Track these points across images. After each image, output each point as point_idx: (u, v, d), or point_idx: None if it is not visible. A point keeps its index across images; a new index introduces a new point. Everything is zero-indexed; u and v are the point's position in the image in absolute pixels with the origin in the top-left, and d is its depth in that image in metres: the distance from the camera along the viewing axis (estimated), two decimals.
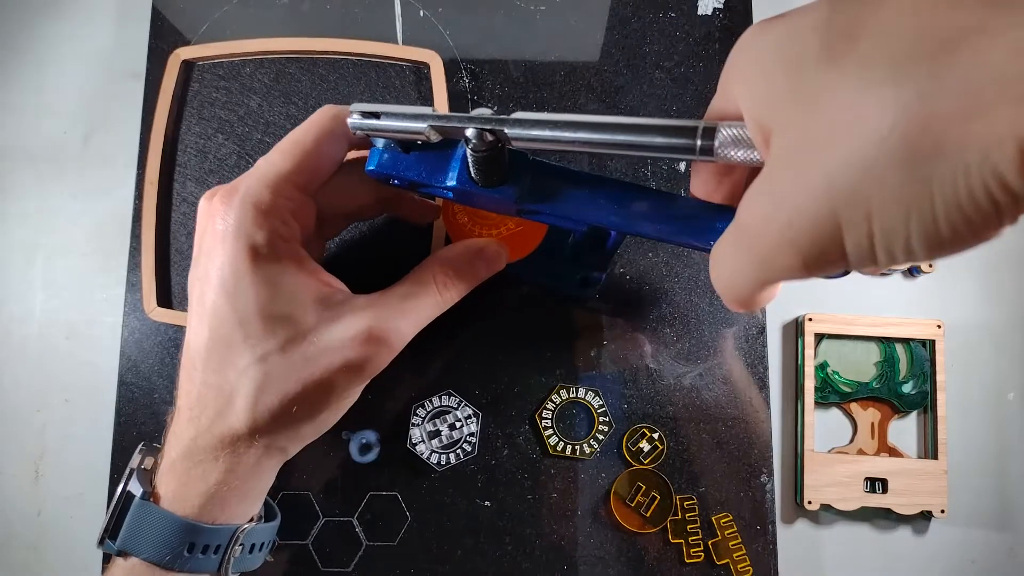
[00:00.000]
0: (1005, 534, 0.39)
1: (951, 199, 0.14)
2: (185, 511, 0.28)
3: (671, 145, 0.22)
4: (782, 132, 0.18)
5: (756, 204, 0.19)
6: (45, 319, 0.40)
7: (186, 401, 0.28)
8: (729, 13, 0.42)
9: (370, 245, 0.40)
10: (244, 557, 0.31)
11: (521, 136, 0.25)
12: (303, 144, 0.28)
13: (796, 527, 0.39)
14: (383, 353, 0.29)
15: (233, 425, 0.27)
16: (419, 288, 0.30)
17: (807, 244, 0.17)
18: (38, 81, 0.42)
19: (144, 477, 0.29)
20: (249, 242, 0.27)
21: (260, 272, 0.27)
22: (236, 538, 0.29)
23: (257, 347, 0.27)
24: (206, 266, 0.28)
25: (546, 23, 0.42)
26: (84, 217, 0.41)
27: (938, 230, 0.15)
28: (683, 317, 0.39)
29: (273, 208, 0.28)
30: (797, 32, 0.18)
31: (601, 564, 0.38)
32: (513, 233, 0.33)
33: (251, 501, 0.30)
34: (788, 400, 0.40)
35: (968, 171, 0.14)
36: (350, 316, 0.28)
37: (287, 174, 0.28)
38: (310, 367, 0.27)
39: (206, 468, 0.28)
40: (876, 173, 0.15)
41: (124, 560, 0.28)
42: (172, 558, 0.27)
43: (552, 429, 0.38)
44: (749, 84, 0.19)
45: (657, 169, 0.41)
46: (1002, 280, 0.41)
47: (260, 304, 0.27)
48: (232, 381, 0.27)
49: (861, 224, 0.16)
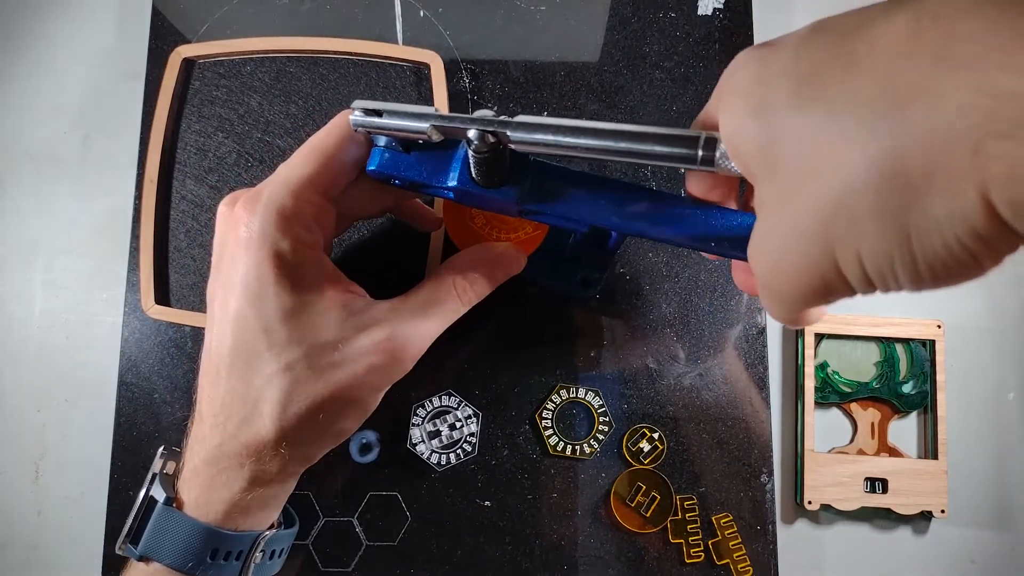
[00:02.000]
0: (1005, 534, 0.39)
1: (927, 247, 0.15)
2: (208, 517, 0.28)
3: (672, 155, 0.23)
4: (766, 181, 0.19)
5: (761, 256, 0.20)
6: (45, 319, 0.40)
7: (210, 408, 0.28)
8: (729, 13, 0.42)
9: (369, 245, 0.40)
10: (264, 563, 0.31)
11: (523, 139, 0.25)
12: (324, 149, 0.28)
13: (796, 527, 0.39)
14: (406, 359, 0.29)
15: (260, 433, 0.27)
16: (439, 293, 0.30)
17: (815, 283, 0.18)
18: (38, 81, 0.42)
19: (167, 482, 0.29)
20: (274, 249, 0.27)
21: (285, 279, 0.27)
22: (257, 544, 0.30)
23: (282, 355, 0.27)
24: (229, 273, 0.27)
25: (546, 23, 0.42)
26: (84, 217, 0.41)
27: (920, 274, 0.16)
28: (683, 317, 0.39)
29: (296, 214, 0.27)
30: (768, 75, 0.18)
31: (601, 564, 0.38)
32: (531, 237, 0.33)
33: (273, 508, 0.30)
34: (788, 400, 0.40)
35: (939, 222, 0.14)
36: (373, 323, 0.28)
37: (309, 179, 0.28)
38: (336, 374, 0.27)
39: (231, 475, 0.28)
40: (859, 219, 0.16)
41: (146, 565, 0.28)
42: (195, 564, 0.27)
43: (552, 429, 0.38)
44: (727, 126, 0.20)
45: (657, 171, 0.41)
46: (1002, 280, 0.41)
47: (285, 311, 0.27)
48: (258, 388, 0.27)
49: (854, 263, 0.17)
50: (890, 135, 0.15)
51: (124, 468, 0.38)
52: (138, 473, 0.38)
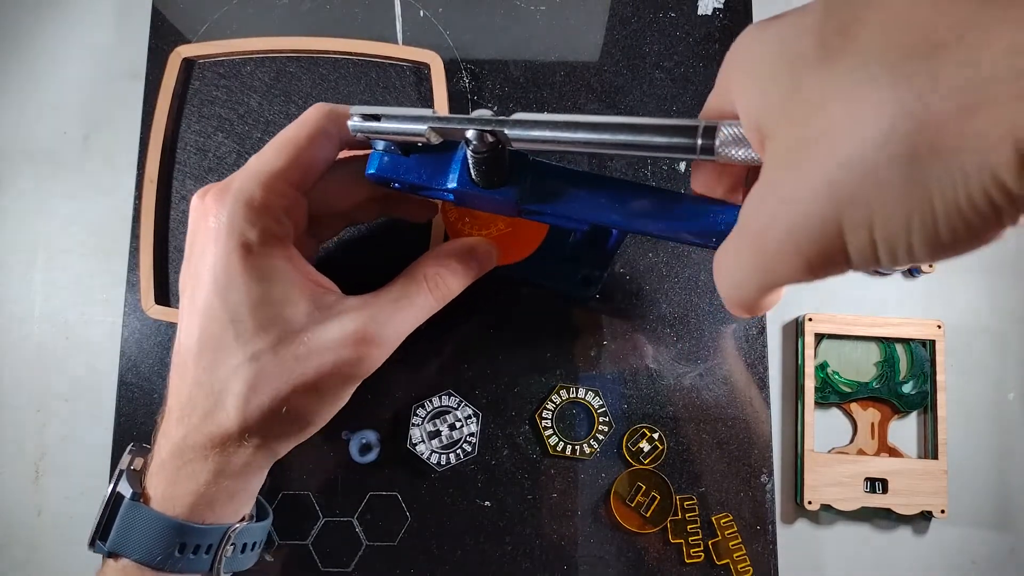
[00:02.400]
0: (1005, 534, 0.39)
1: (951, 203, 0.14)
2: (175, 511, 0.28)
3: (672, 145, 0.22)
4: (779, 135, 0.18)
5: (757, 209, 0.19)
6: (45, 319, 0.40)
7: (176, 400, 0.28)
8: (729, 13, 0.42)
9: (367, 246, 0.40)
10: (236, 557, 0.31)
11: (522, 137, 0.24)
12: (296, 142, 0.28)
13: (796, 527, 0.39)
14: (375, 354, 0.29)
15: (223, 424, 0.27)
16: (410, 288, 0.30)
17: (810, 248, 0.17)
18: (38, 81, 0.42)
19: (134, 478, 0.29)
20: (241, 240, 0.27)
21: (252, 270, 0.27)
22: (227, 538, 0.29)
23: (248, 346, 0.27)
24: (198, 264, 0.27)
25: (546, 23, 0.42)
26: (84, 217, 0.41)
27: (939, 234, 0.15)
28: (683, 317, 0.39)
29: (266, 206, 0.27)
30: (793, 33, 0.17)
31: (601, 564, 0.38)
32: (503, 233, 0.33)
33: (241, 501, 0.30)
34: (788, 400, 0.40)
35: (966, 175, 0.14)
36: (342, 316, 0.28)
37: (280, 171, 0.28)
38: (301, 367, 0.27)
39: (195, 468, 0.28)
40: (876, 177, 0.15)
41: (115, 561, 0.28)
42: (163, 558, 0.27)
43: (552, 429, 0.38)
44: (745, 86, 0.19)
45: (657, 169, 0.41)
46: (1002, 280, 0.41)
47: (252, 302, 0.27)
48: (223, 380, 0.27)
49: (863, 228, 0.16)
50: (925, 79, 0.14)
51: None
52: None
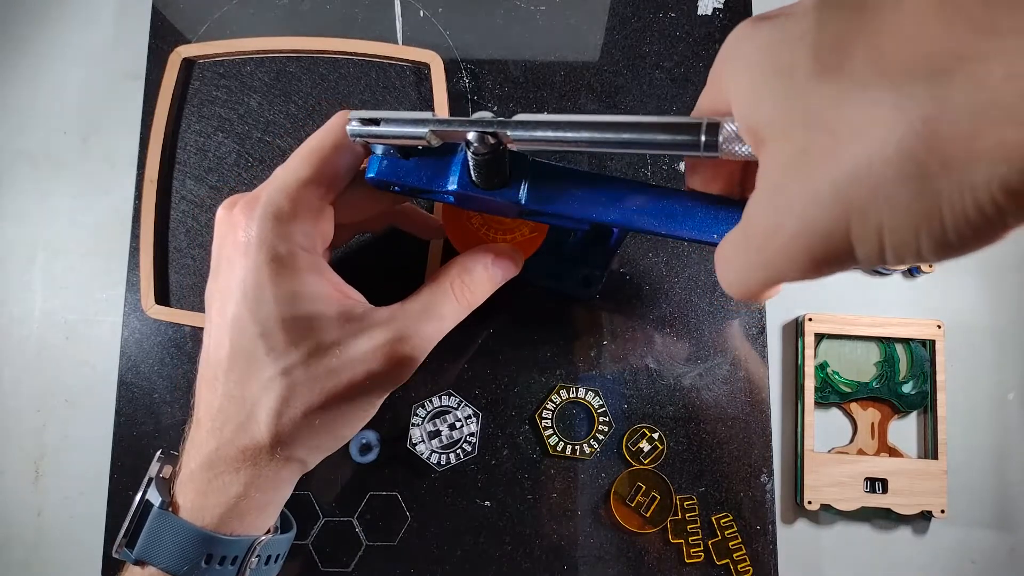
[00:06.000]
0: (1005, 534, 0.39)
1: (959, 211, 0.15)
2: (204, 522, 0.28)
3: (675, 142, 0.22)
4: (779, 141, 0.18)
5: (764, 211, 0.19)
6: (45, 319, 0.40)
7: (207, 412, 0.28)
8: (729, 13, 0.42)
9: (368, 253, 0.40)
10: (260, 569, 0.31)
11: (523, 138, 0.24)
12: (321, 151, 0.28)
13: (796, 527, 0.39)
14: (406, 365, 0.28)
15: (255, 437, 0.27)
16: (438, 297, 0.30)
17: (817, 251, 0.17)
18: (38, 81, 0.42)
19: (163, 486, 0.29)
20: (271, 254, 0.27)
21: (282, 284, 0.27)
22: (253, 550, 0.29)
23: (280, 360, 0.27)
24: (227, 278, 0.27)
25: (546, 23, 0.42)
26: (84, 217, 0.41)
27: (947, 238, 0.15)
28: (683, 317, 0.39)
29: (294, 218, 0.27)
30: (786, 39, 0.18)
31: (601, 564, 0.38)
32: (528, 239, 0.33)
33: (269, 513, 0.30)
34: (788, 400, 0.40)
35: (975, 184, 0.14)
36: (372, 328, 0.28)
37: (306, 182, 0.28)
38: (334, 380, 0.27)
39: (227, 480, 0.28)
40: (885, 191, 0.15)
41: (141, 569, 0.28)
42: (190, 568, 0.27)
43: (552, 429, 0.38)
44: (740, 88, 0.19)
45: (657, 169, 0.41)
46: (1002, 280, 0.41)
47: (283, 316, 0.26)
48: (255, 393, 0.27)
49: (872, 235, 0.16)
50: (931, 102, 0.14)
51: (124, 468, 0.38)
52: (138, 473, 0.38)
